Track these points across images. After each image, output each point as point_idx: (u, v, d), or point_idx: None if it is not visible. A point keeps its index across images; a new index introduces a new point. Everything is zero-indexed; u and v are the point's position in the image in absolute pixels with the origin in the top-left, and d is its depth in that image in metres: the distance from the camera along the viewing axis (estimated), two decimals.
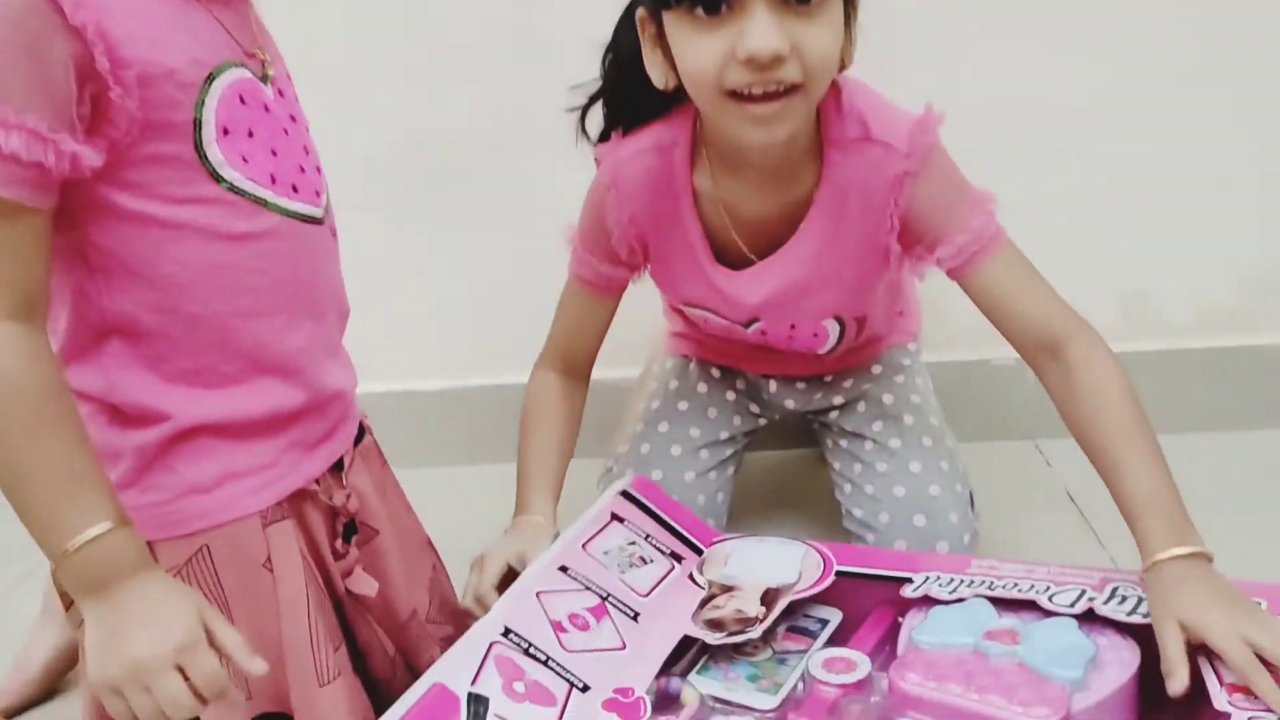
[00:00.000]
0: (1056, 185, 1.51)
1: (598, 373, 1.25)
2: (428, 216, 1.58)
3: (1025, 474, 1.46)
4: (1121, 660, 0.81)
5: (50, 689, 1.13)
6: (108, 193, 0.71)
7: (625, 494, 1.06)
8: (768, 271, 1.11)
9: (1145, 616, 0.82)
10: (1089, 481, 1.38)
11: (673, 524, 1.07)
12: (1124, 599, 0.85)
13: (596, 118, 1.13)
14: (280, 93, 0.82)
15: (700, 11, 0.90)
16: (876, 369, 1.30)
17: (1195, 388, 1.54)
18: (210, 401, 0.78)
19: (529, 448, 1.15)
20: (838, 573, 0.98)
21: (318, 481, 0.86)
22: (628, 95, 1.08)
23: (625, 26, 1.05)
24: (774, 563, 1.01)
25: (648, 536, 1.04)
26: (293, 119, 0.82)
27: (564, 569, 0.94)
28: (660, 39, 0.97)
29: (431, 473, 1.38)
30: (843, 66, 1.00)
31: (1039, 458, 1.51)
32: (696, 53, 0.92)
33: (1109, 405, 0.94)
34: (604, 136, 1.12)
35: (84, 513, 0.68)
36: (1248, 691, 0.73)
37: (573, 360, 1.20)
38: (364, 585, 0.89)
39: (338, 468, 0.89)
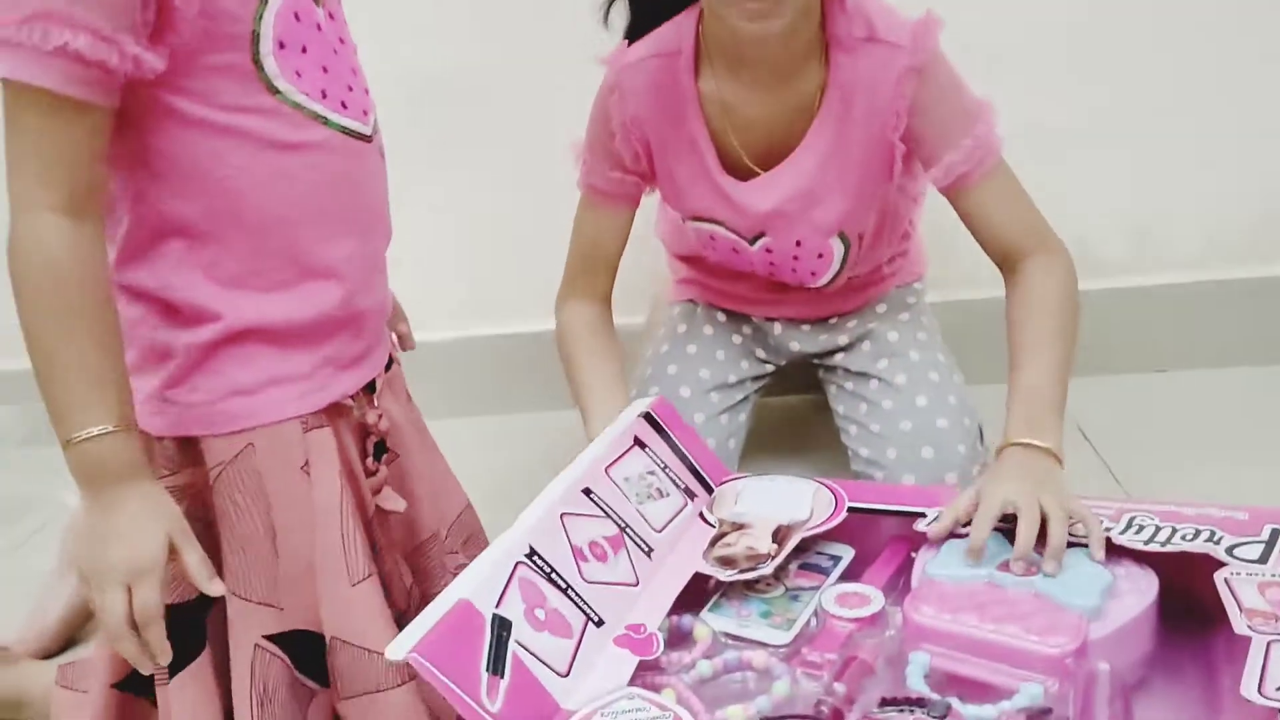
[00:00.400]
0: (1062, 117, 1.49)
1: None
2: (436, 164, 1.57)
3: None
4: (1139, 589, 0.80)
5: (67, 641, 1.14)
6: (170, 99, 0.74)
7: (647, 417, 1.06)
8: (777, 179, 1.11)
9: (1163, 545, 0.82)
10: (1103, 419, 1.39)
11: (689, 456, 1.06)
12: (1140, 528, 0.84)
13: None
14: (331, 15, 0.85)
15: None
16: (881, 308, 1.29)
17: (1205, 321, 1.54)
18: (258, 305, 0.81)
19: (584, 382, 1.14)
20: (849, 509, 0.98)
21: (352, 399, 0.89)
22: None
23: None
24: (785, 500, 1.01)
25: (665, 467, 1.03)
26: (341, 40, 0.86)
27: (587, 491, 0.94)
28: None
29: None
30: None
31: None
32: None
33: (1033, 313, 1.02)
34: (629, 32, 1.12)
35: (94, 410, 0.72)
36: (1267, 615, 0.73)
37: (595, 282, 1.20)
38: (393, 502, 0.93)
39: (369, 390, 0.92)
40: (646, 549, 0.94)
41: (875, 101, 1.05)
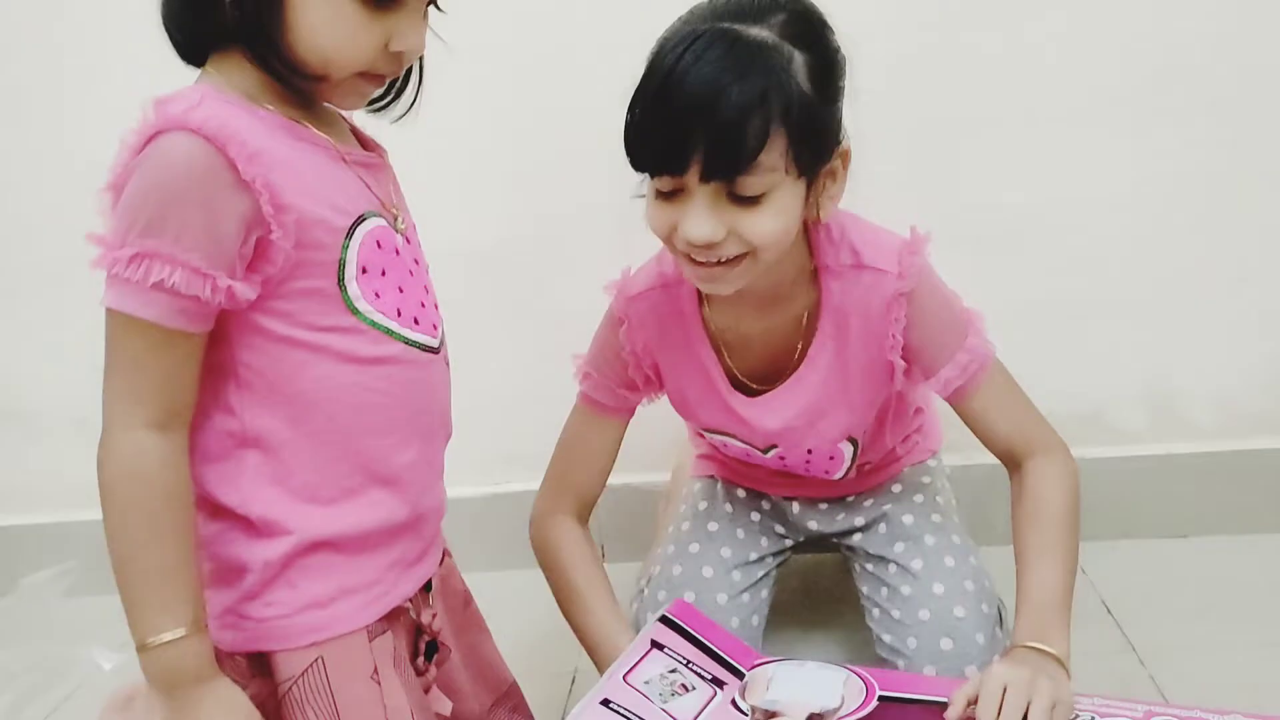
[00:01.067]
0: (1078, 289, 1.53)
1: (625, 476, 1.26)
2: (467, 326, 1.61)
3: None
4: None
5: None
6: (260, 319, 0.80)
7: (664, 619, 1.07)
8: (782, 399, 1.14)
9: None
10: (1124, 590, 1.40)
11: (712, 647, 1.07)
12: None
13: None
14: (407, 240, 0.91)
15: (661, 188, 0.97)
16: (896, 488, 1.30)
17: (1222, 490, 1.55)
18: (329, 517, 0.85)
19: (588, 602, 1.13)
20: (880, 698, 0.98)
21: (410, 600, 0.92)
22: None
23: None
24: (816, 687, 1.01)
25: (688, 663, 1.04)
26: (416, 262, 0.92)
27: (606, 702, 0.95)
28: None
29: None
30: (817, 221, 1.03)
31: None
32: (654, 215, 1.00)
33: (1038, 516, 1.06)
34: None
35: (169, 615, 0.76)
36: None
37: (584, 495, 1.21)
38: (440, 704, 0.95)
39: (426, 587, 0.95)
40: None
41: (869, 324, 1.08)
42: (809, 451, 1.19)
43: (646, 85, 0.94)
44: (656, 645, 1.04)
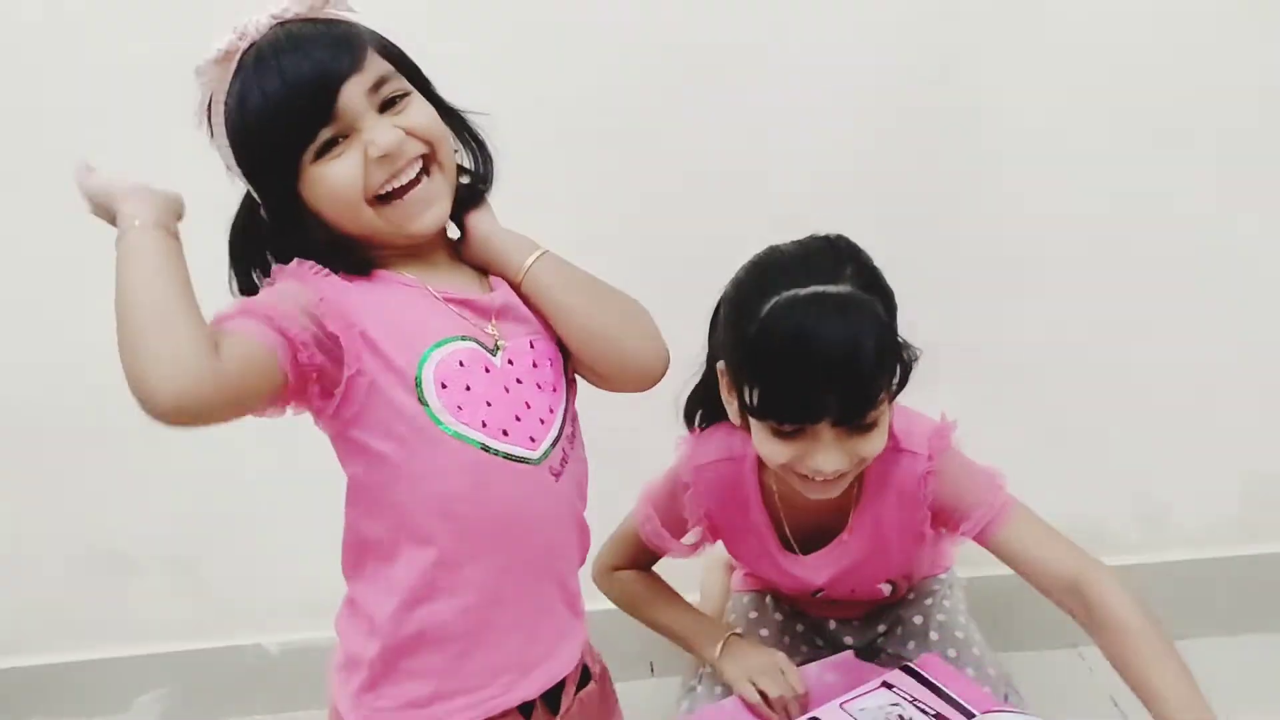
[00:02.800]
0: (1070, 414, 1.69)
1: None
2: None
3: (1069, 680, 1.59)
4: None
5: None
6: (359, 435, 0.90)
7: (905, 668, 1.18)
8: (826, 560, 1.29)
9: None
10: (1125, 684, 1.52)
11: (950, 693, 1.16)
12: None
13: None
14: (510, 362, 0.97)
15: (782, 429, 1.08)
16: (910, 595, 1.46)
17: (1210, 593, 1.69)
18: (426, 619, 0.93)
19: (672, 611, 1.35)
20: None
21: (530, 714, 0.99)
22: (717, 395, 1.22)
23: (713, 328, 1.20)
24: None
25: (914, 700, 1.15)
26: (518, 381, 0.97)
27: None
28: (732, 390, 1.13)
29: None
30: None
31: (1082, 664, 1.63)
32: (774, 449, 1.10)
33: (1127, 632, 1.07)
34: (701, 421, 1.30)
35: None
36: None
37: (647, 562, 1.39)
38: None
39: (555, 709, 1.01)
40: None
41: (903, 498, 1.22)
42: (852, 591, 1.35)
43: (774, 349, 1.03)
44: (886, 685, 1.17)
